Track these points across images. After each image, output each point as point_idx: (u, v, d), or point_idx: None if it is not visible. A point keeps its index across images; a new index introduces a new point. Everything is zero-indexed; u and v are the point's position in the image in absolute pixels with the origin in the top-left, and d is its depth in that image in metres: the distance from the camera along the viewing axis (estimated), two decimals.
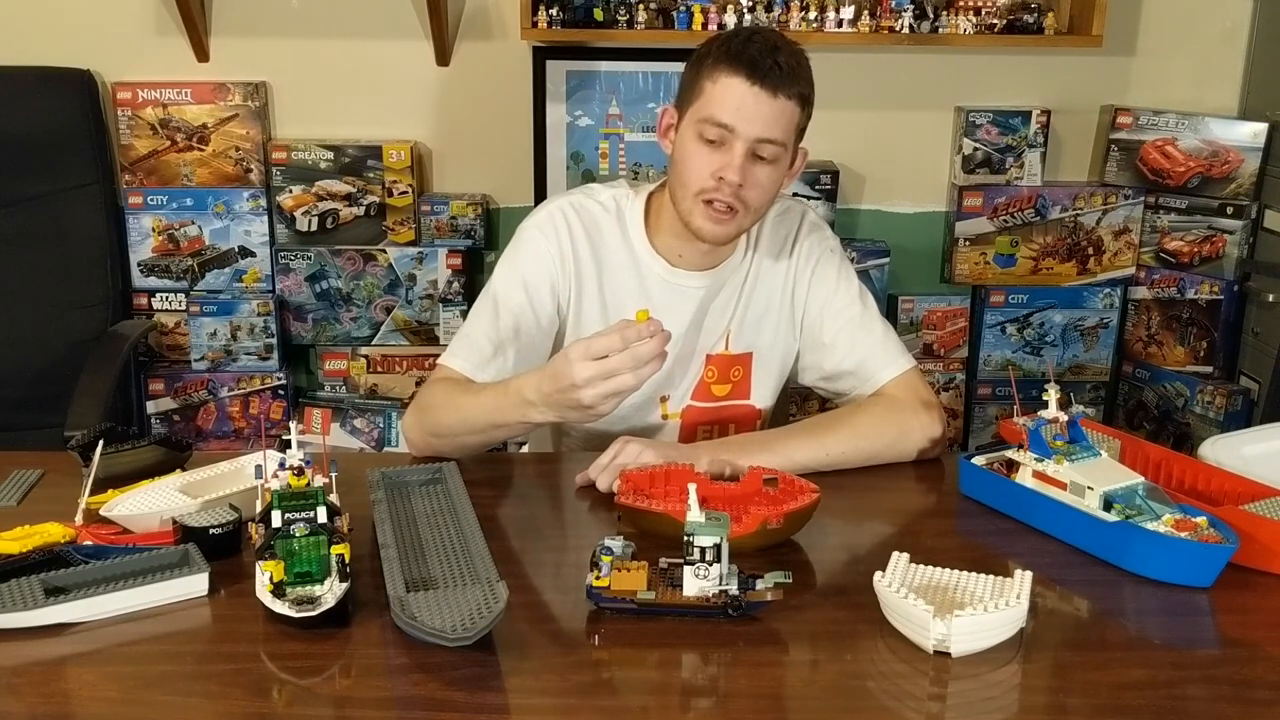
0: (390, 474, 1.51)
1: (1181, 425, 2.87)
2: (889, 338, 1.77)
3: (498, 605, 1.15)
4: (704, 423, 1.81)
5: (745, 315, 1.78)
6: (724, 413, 1.81)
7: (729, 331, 1.78)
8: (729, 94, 1.58)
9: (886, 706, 1.12)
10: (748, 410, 1.81)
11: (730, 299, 1.78)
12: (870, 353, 1.75)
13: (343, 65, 2.79)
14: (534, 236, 1.74)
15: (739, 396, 1.81)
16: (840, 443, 1.63)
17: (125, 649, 1.19)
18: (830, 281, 1.78)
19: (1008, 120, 2.81)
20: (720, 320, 1.78)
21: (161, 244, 2.82)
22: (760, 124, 1.59)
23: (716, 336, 1.78)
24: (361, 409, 2.87)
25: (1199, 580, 1.32)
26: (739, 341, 1.79)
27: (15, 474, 1.57)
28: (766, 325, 1.79)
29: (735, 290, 1.78)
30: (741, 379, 1.80)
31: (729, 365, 1.79)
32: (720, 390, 1.80)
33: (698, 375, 1.79)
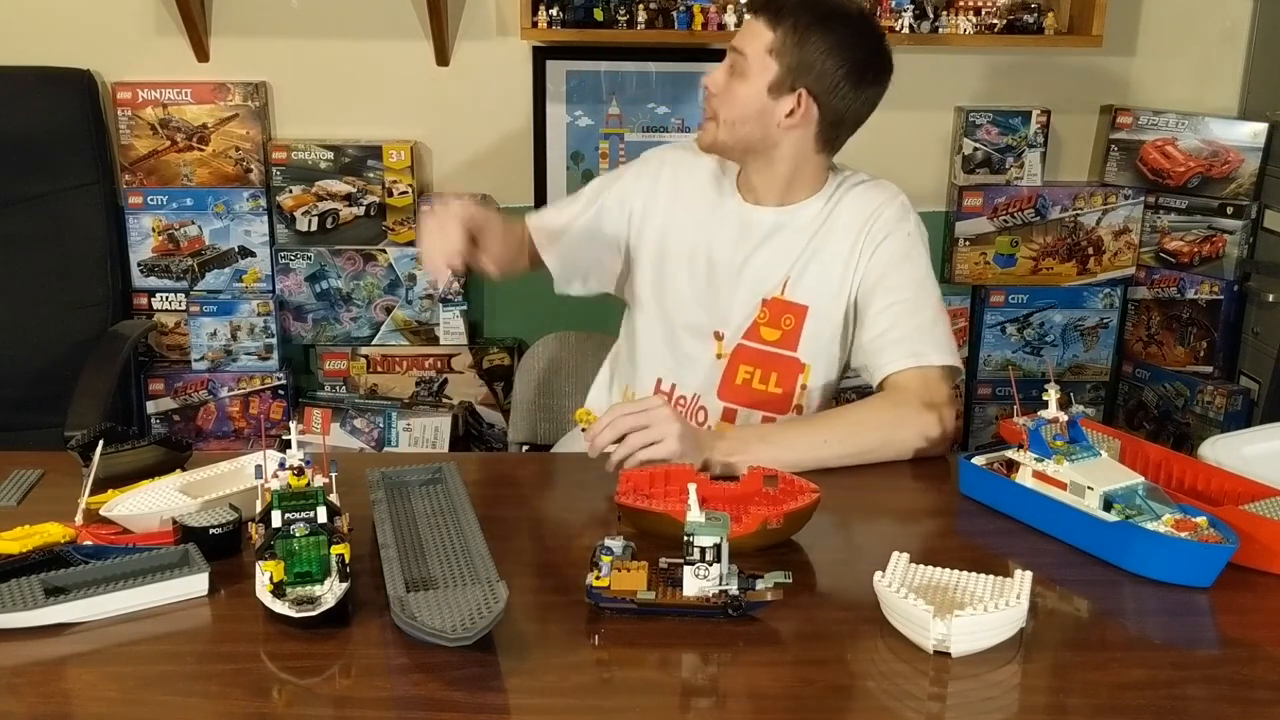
0: (390, 474, 1.51)
1: (1181, 425, 2.87)
2: (932, 330, 1.75)
3: (498, 605, 1.15)
4: (749, 364, 1.82)
5: (808, 266, 1.79)
6: (769, 358, 1.81)
7: (788, 277, 1.80)
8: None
9: (886, 706, 1.12)
10: (792, 362, 1.81)
11: (796, 245, 1.80)
12: (899, 337, 1.73)
13: (343, 65, 2.79)
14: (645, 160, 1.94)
15: (786, 346, 1.81)
16: (840, 438, 1.63)
17: (125, 649, 1.19)
18: (890, 259, 1.77)
19: (1008, 120, 2.81)
20: (782, 263, 1.80)
21: (161, 244, 2.82)
22: (736, 38, 1.75)
23: (776, 280, 1.80)
24: (361, 409, 2.87)
25: (1199, 580, 1.32)
26: (797, 290, 1.80)
27: (15, 474, 1.57)
28: (827, 285, 1.79)
29: (803, 238, 1.80)
30: (792, 328, 1.80)
31: (782, 311, 1.80)
32: (770, 334, 1.81)
33: (751, 316, 1.82)
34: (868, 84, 1.75)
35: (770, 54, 1.71)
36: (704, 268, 1.84)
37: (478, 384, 2.92)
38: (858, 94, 1.75)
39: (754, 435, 1.66)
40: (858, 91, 1.74)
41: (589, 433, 1.55)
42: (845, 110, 1.76)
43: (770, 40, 1.71)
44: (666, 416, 1.54)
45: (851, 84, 1.73)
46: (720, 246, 1.83)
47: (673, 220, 1.87)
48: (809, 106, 1.73)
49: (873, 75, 1.75)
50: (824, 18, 1.71)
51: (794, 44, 1.70)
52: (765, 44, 1.71)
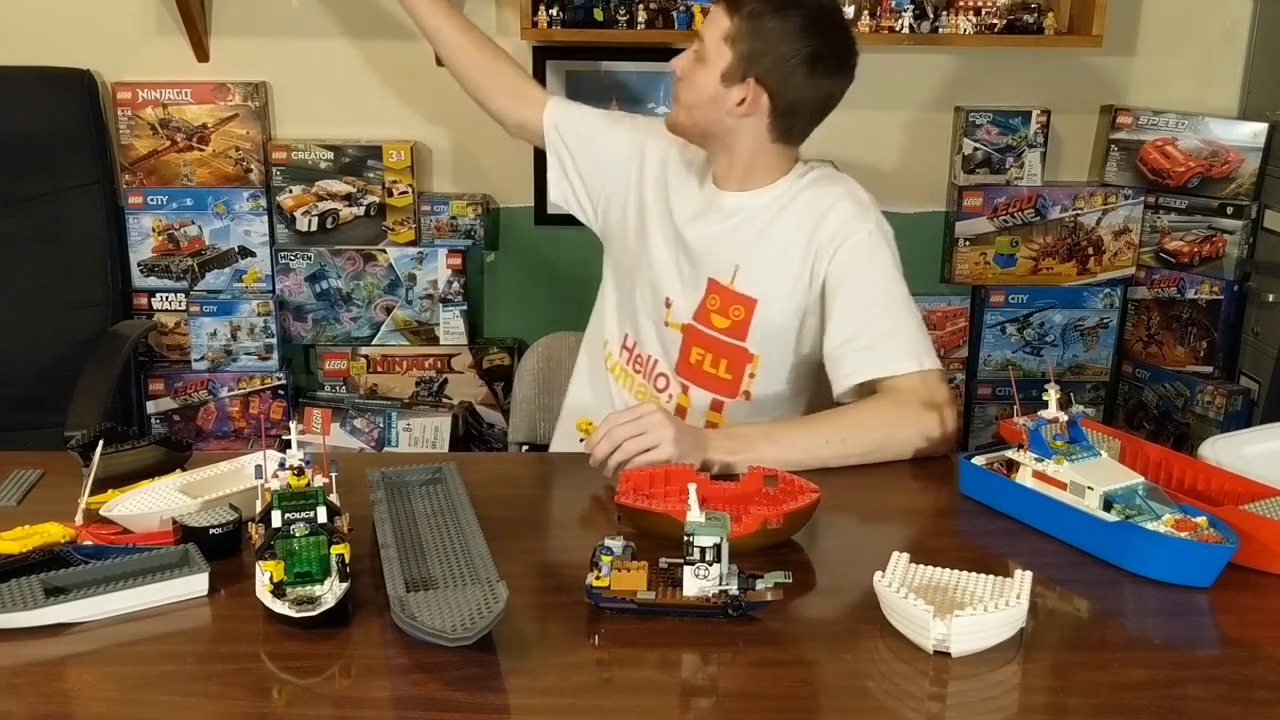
0: (390, 474, 1.51)
1: (1181, 425, 2.87)
2: (908, 334, 1.73)
3: (498, 605, 1.15)
4: (700, 346, 1.84)
5: (759, 258, 1.80)
6: (719, 345, 1.84)
7: (738, 266, 1.81)
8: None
9: (886, 706, 1.12)
10: (741, 351, 1.82)
11: (749, 233, 1.81)
12: (878, 342, 1.72)
13: (343, 65, 2.79)
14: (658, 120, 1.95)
15: (735, 336, 1.82)
16: (841, 437, 1.63)
17: (125, 649, 1.19)
18: (855, 262, 1.76)
19: (1008, 120, 2.81)
20: (733, 250, 1.81)
21: (161, 244, 2.82)
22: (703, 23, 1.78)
23: (727, 266, 1.81)
24: (361, 409, 2.87)
25: (1199, 580, 1.32)
26: (746, 282, 1.80)
27: (15, 474, 1.57)
28: (777, 280, 1.79)
29: (756, 227, 1.81)
30: (741, 319, 1.81)
31: (731, 301, 1.81)
32: (719, 322, 1.83)
33: (700, 294, 1.83)
34: (823, 74, 1.74)
35: (726, 41, 1.72)
36: (673, 233, 1.87)
37: (478, 384, 2.92)
38: (813, 84, 1.74)
39: (756, 434, 1.66)
40: (812, 81, 1.73)
41: (587, 444, 1.56)
42: (799, 100, 1.75)
43: (727, 27, 1.72)
44: (661, 421, 1.54)
45: (805, 74, 1.72)
46: (686, 217, 1.86)
47: (667, 180, 1.90)
48: (759, 95, 1.73)
49: (828, 66, 1.74)
50: (780, 6, 1.71)
51: (748, 32, 1.71)
52: (722, 31, 1.72)
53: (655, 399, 1.88)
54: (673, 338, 1.87)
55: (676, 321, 1.86)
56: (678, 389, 1.87)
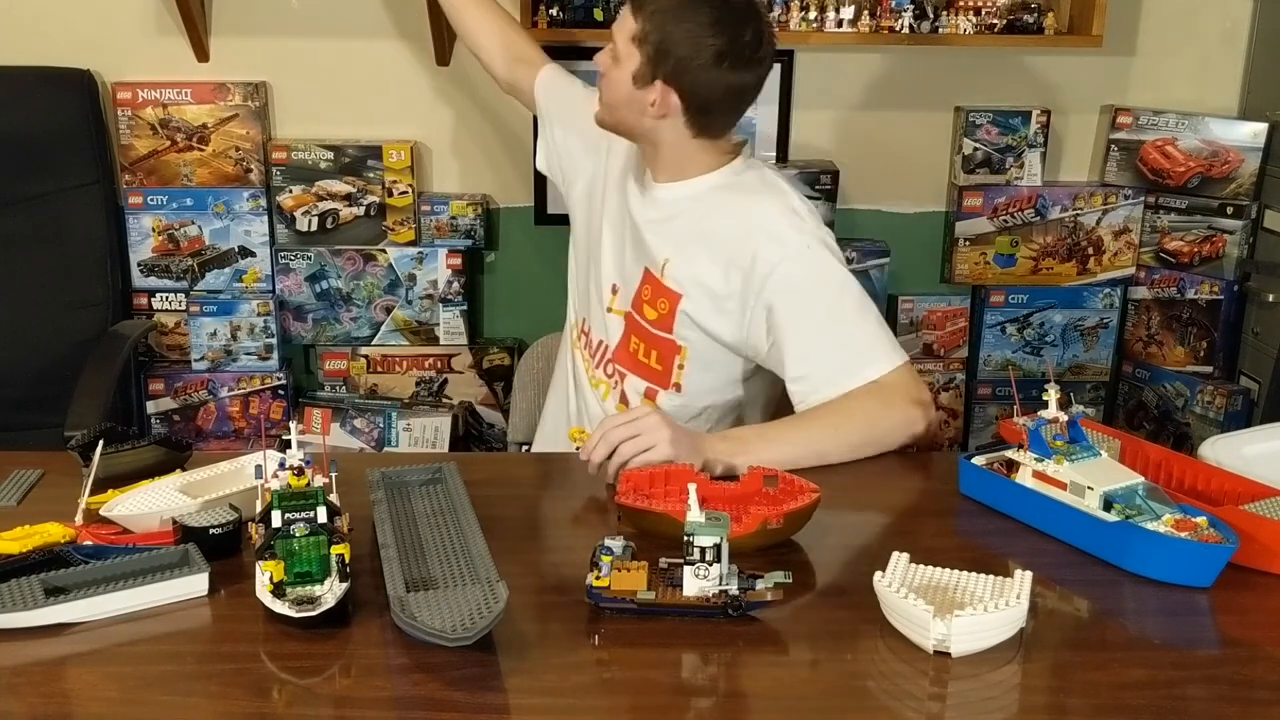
0: (390, 474, 1.51)
1: (1181, 425, 2.87)
2: (870, 337, 1.72)
3: (498, 605, 1.15)
4: (637, 335, 1.86)
5: (683, 256, 1.81)
6: (650, 337, 1.85)
7: (667, 259, 1.82)
8: None
9: (886, 706, 1.12)
10: (669, 343, 1.84)
11: (678, 228, 1.81)
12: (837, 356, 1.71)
13: (343, 65, 2.79)
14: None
15: (662, 329, 1.84)
16: (834, 432, 1.65)
17: (125, 649, 1.19)
18: (797, 281, 1.73)
19: (1008, 120, 2.81)
20: (664, 243, 1.83)
21: (161, 244, 2.82)
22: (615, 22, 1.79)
23: (660, 258, 1.83)
24: (361, 409, 2.87)
25: (1199, 580, 1.32)
26: (672, 276, 1.81)
27: (15, 474, 1.57)
28: (699, 281, 1.79)
29: (684, 223, 1.81)
30: (667, 313, 1.82)
31: (659, 294, 1.83)
32: (650, 314, 1.85)
33: (638, 282, 1.85)
34: (731, 69, 1.71)
35: (634, 42, 1.72)
36: (626, 219, 1.89)
37: (478, 384, 2.92)
38: (722, 81, 1.71)
39: (753, 434, 1.67)
40: (721, 78, 1.71)
41: (583, 450, 1.56)
42: (710, 98, 1.73)
43: (634, 29, 1.71)
44: (656, 424, 1.54)
45: (714, 72, 1.70)
46: (630, 203, 1.88)
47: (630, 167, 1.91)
48: (668, 96, 1.72)
49: (735, 61, 1.71)
50: (681, 6, 1.69)
51: (652, 32, 1.70)
52: (629, 32, 1.72)
53: (604, 385, 1.91)
54: (615, 324, 1.89)
55: (620, 309, 1.88)
56: (618, 376, 1.89)
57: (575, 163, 2.02)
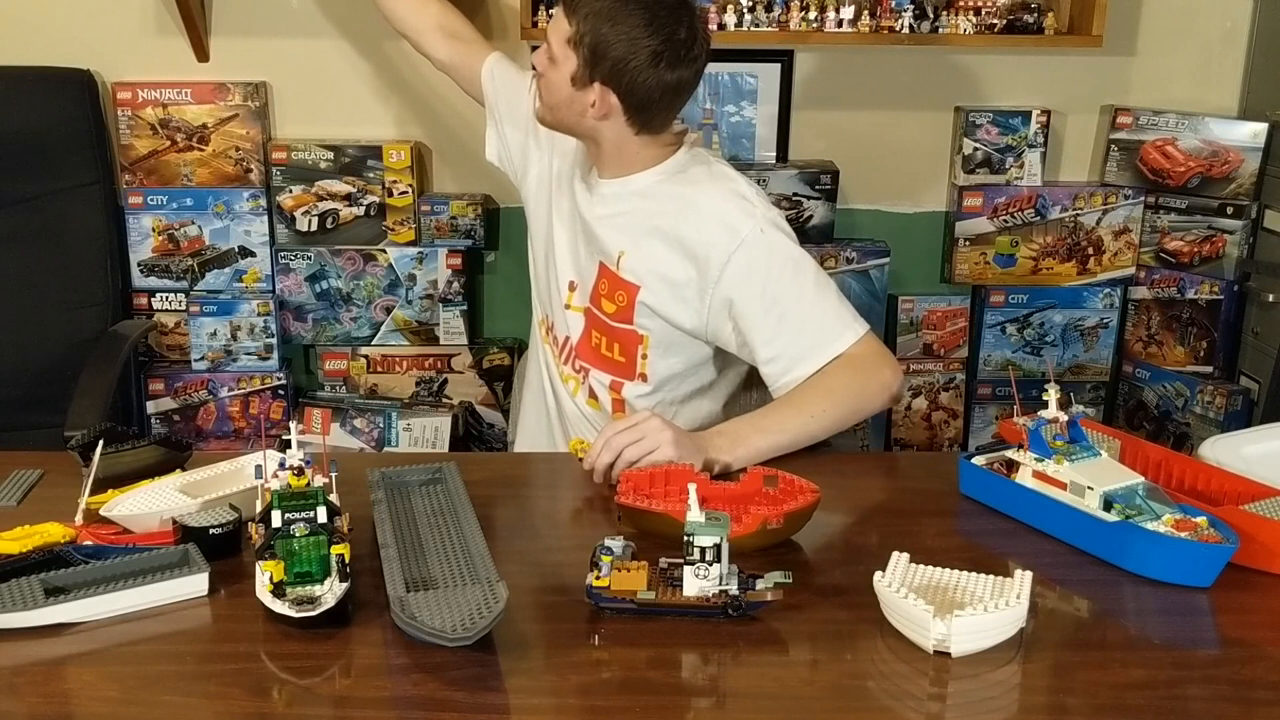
0: (390, 474, 1.51)
1: (1181, 425, 2.87)
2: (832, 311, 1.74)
3: (498, 605, 1.15)
4: (597, 330, 1.88)
5: (638, 247, 1.81)
6: (611, 330, 1.87)
7: (622, 253, 1.83)
8: None
9: (886, 706, 1.12)
10: (629, 333, 1.85)
11: (629, 222, 1.82)
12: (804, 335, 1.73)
13: (343, 65, 2.79)
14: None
15: (622, 320, 1.85)
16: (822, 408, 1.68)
17: (125, 649, 1.19)
18: (755, 265, 1.74)
19: (1008, 120, 2.81)
20: (619, 237, 1.83)
21: (161, 244, 2.82)
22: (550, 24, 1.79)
23: (615, 251, 1.84)
24: (361, 409, 2.87)
25: (1199, 580, 1.32)
26: (627, 269, 1.82)
27: (15, 474, 1.57)
28: (659, 271, 1.80)
29: (634, 217, 1.82)
30: (625, 305, 1.83)
31: (617, 287, 1.84)
32: (609, 308, 1.86)
33: (595, 278, 1.86)
34: (668, 68, 1.72)
35: (569, 45, 1.72)
36: (576, 214, 1.90)
37: (478, 384, 2.92)
38: (659, 79, 1.72)
39: (748, 427, 1.67)
40: (658, 76, 1.72)
41: (586, 460, 1.57)
42: (649, 96, 1.74)
43: (569, 31, 1.72)
44: (658, 427, 1.55)
45: (650, 71, 1.71)
46: (579, 199, 1.89)
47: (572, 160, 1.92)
48: (607, 96, 1.73)
49: (671, 59, 1.71)
50: (614, 8, 1.69)
51: (587, 35, 1.70)
52: (564, 34, 1.72)
53: (573, 380, 1.92)
54: (576, 320, 1.91)
55: (579, 305, 1.90)
56: (583, 372, 1.91)
57: (525, 156, 2.04)
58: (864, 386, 1.71)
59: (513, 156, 2.09)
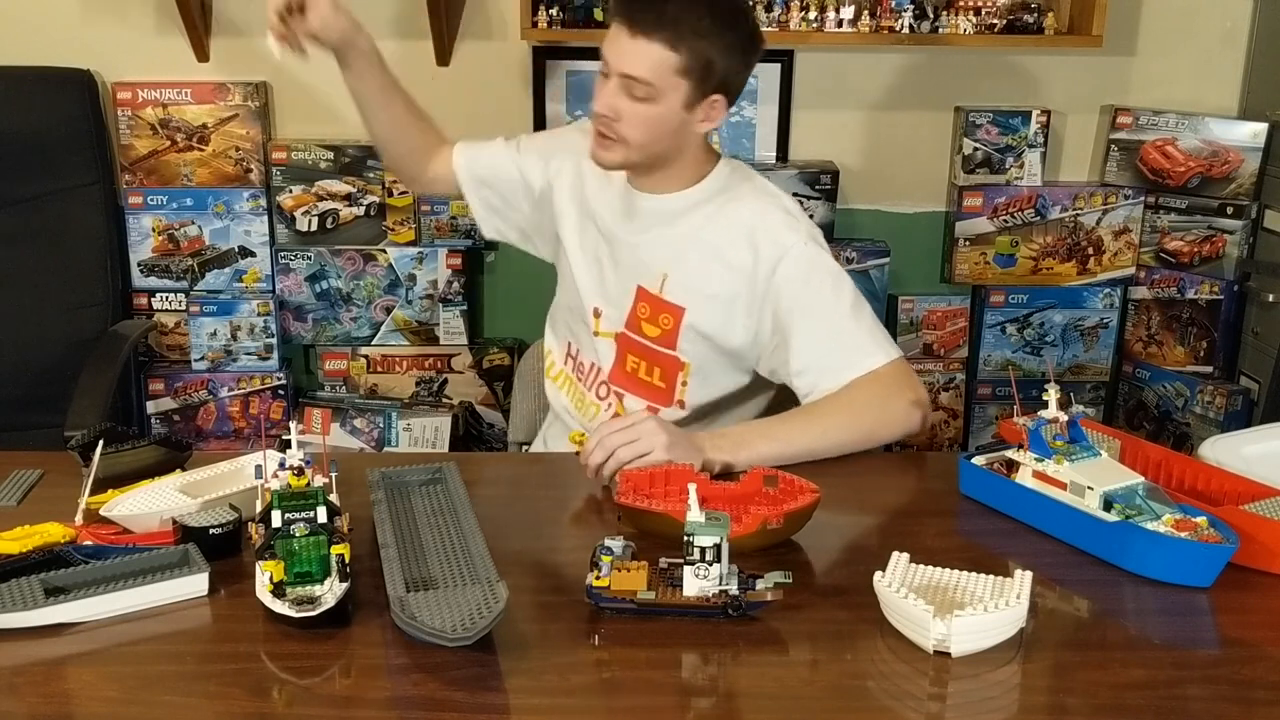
0: (390, 474, 1.51)
1: (1181, 425, 2.87)
2: (868, 332, 1.75)
3: (498, 605, 1.15)
4: (635, 354, 1.86)
5: (686, 267, 1.80)
6: (651, 353, 1.85)
7: (666, 275, 1.81)
8: (611, 30, 1.73)
9: (886, 706, 1.12)
10: (672, 360, 1.83)
11: (676, 243, 1.80)
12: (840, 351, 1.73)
13: None
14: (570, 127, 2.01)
15: (665, 345, 1.83)
16: (832, 427, 1.66)
17: (125, 649, 1.19)
18: (798, 278, 1.75)
19: (1008, 120, 2.81)
20: (662, 256, 1.81)
21: (161, 244, 2.82)
22: (625, 61, 1.69)
23: (654, 274, 1.82)
24: (361, 409, 2.87)
25: (1199, 580, 1.32)
26: (674, 290, 1.81)
27: (15, 474, 1.57)
28: (706, 291, 1.79)
29: (683, 234, 1.80)
30: (670, 329, 1.82)
31: (660, 310, 1.82)
32: (650, 331, 1.84)
33: (630, 302, 1.84)
34: (755, 60, 1.78)
35: (678, 74, 1.69)
36: (597, 243, 1.88)
37: (478, 384, 2.92)
38: (747, 74, 1.78)
39: (755, 433, 1.66)
40: (748, 71, 1.78)
41: (582, 455, 1.56)
42: (741, 89, 1.79)
43: (675, 62, 1.68)
44: (653, 429, 1.55)
45: (746, 70, 1.77)
46: (609, 223, 1.86)
47: (584, 193, 1.90)
48: (716, 106, 1.74)
49: (756, 49, 1.77)
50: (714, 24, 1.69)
51: (699, 59, 1.68)
52: (671, 67, 1.68)
53: (596, 407, 1.89)
54: (605, 346, 1.88)
55: (608, 331, 1.87)
56: (614, 398, 1.88)
57: (528, 213, 1.99)
58: (883, 411, 1.68)
59: (518, 223, 2.03)
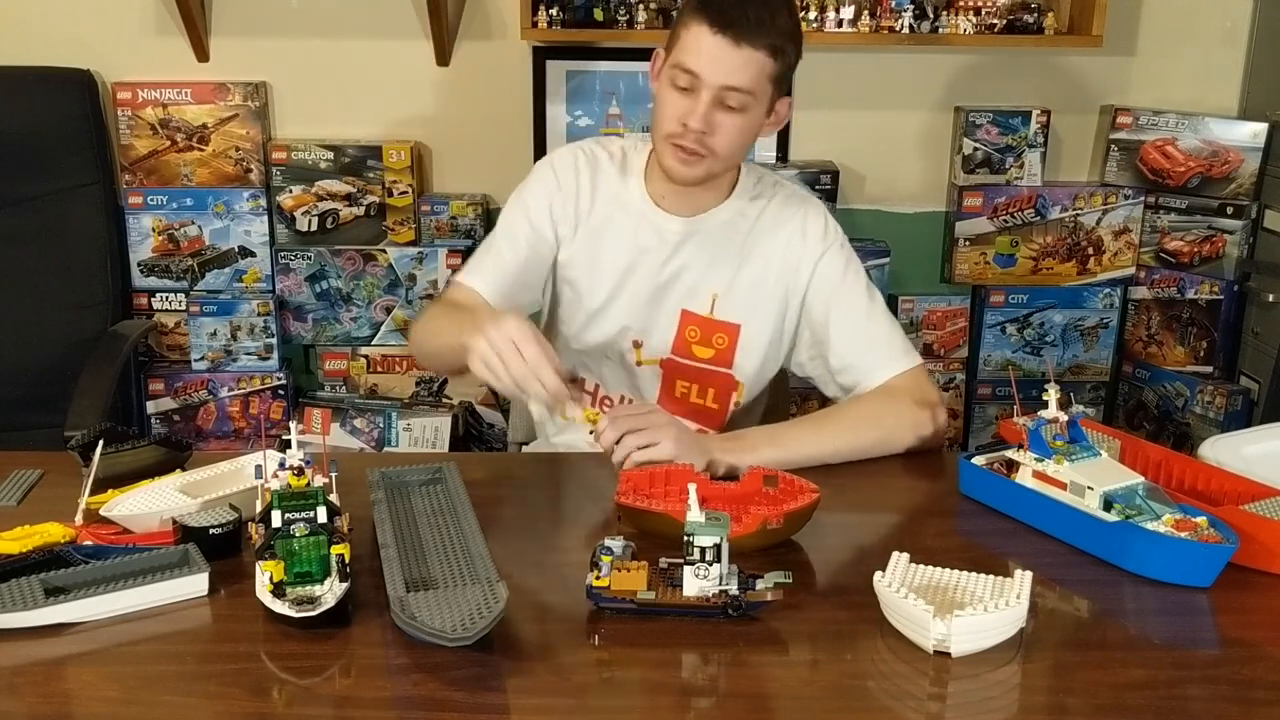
0: (390, 474, 1.51)
1: (1181, 425, 2.87)
2: (895, 335, 1.78)
3: (498, 605, 1.15)
4: (684, 379, 1.83)
5: (736, 283, 1.79)
6: (705, 375, 1.83)
7: (716, 295, 1.79)
8: (697, 41, 1.62)
9: (886, 706, 1.12)
10: (727, 379, 1.82)
11: (719, 264, 1.78)
12: (871, 351, 1.75)
13: (343, 65, 2.79)
14: (543, 169, 1.84)
15: (721, 364, 1.82)
16: (842, 435, 1.65)
17: (125, 649, 1.19)
18: (837, 276, 1.78)
19: (1008, 120, 2.81)
20: (707, 280, 1.79)
21: (161, 244, 2.83)
22: (724, 73, 1.62)
23: (702, 297, 1.79)
24: (361, 409, 2.87)
25: (1199, 580, 1.31)
26: (726, 309, 1.79)
27: (15, 474, 1.57)
28: (759, 302, 1.79)
29: (725, 257, 1.78)
30: (726, 348, 1.81)
31: (713, 330, 1.80)
32: (702, 353, 1.82)
33: (673, 328, 1.81)
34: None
35: (770, 80, 1.66)
36: (622, 274, 1.80)
37: (478, 384, 2.92)
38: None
39: (763, 439, 1.65)
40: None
41: (595, 431, 1.56)
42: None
43: (772, 68, 1.65)
44: (663, 422, 1.55)
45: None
46: (637, 253, 1.79)
47: (591, 226, 1.81)
48: (785, 103, 1.73)
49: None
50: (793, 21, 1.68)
51: (789, 61, 1.68)
52: (768, 73, 1.65)
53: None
54: (649, 374, 1.83)
55: (652, 358, 1.82)
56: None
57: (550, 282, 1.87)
58: (897, 422, 1.68)
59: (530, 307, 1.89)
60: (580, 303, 1.84)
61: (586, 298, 1.83)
